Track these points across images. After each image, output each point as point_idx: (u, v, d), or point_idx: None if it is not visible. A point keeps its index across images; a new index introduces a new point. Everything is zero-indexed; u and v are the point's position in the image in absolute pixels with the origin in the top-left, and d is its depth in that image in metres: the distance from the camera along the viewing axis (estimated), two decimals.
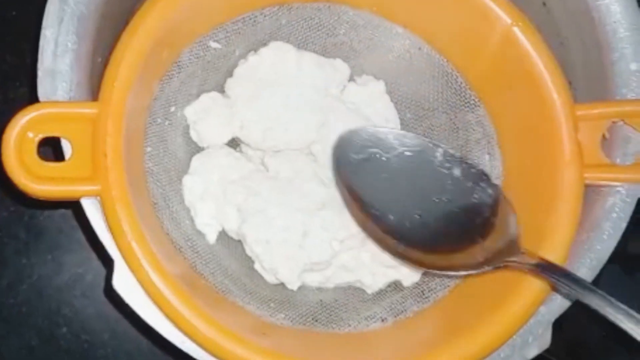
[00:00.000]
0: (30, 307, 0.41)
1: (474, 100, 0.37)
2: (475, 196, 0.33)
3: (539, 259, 0.30)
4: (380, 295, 0.36)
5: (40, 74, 0.32)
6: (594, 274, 0.31)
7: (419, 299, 0.35)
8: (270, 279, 0.36)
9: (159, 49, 0.34)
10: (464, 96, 0.37)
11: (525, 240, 0.32)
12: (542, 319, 0.31)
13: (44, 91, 0.32)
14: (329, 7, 0.37)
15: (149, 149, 0.36)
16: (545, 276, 0.29)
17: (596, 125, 0.32)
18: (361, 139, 0.34)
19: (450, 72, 0.37)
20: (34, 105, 0.31)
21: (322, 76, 0.37)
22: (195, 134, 0.37)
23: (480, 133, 0.36)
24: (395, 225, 0.33)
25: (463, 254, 0.32)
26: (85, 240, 0.31)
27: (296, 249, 0.35)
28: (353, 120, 0.36)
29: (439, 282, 0.35)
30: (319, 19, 0.38)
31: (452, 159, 0.34)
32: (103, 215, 0.31)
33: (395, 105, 0.39)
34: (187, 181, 0.37)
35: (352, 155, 0.34)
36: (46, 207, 0.42)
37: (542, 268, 0.29)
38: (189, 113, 0.37)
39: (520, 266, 0.30)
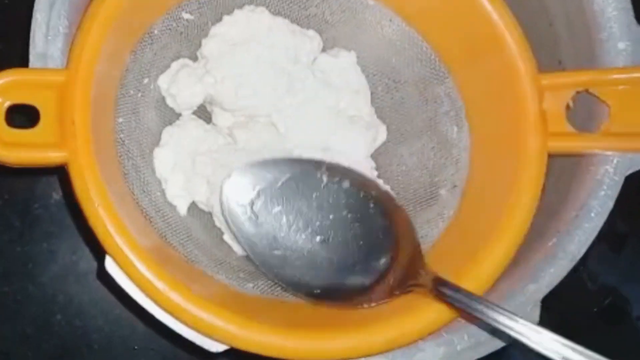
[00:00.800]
0: (25, 295, 0.41)
1: (443, 72, 0.37)
2: (371, 205, 0.32)
3: (434, 275, 0.30)
4: None
5: (32, 58, 0.32)
6: (582, 252, 0.31)
7: None
8: (238, 249, 0.36)
9: (129, 18, 0.34)
10: (433, 68, 0.37)
11: (491, 210, 0.33)
12: (531, 297, 0.31)
13: None
14: None
15: (120, 119, 0.36)
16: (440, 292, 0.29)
17: (561, 95, 0.33)
18: (245, 182, 0.33)
19: (420, 44, 0.37)
20: (1, 72, 0.31)
21: (293, 43, 0.37)
22: (170, 98, 0.37)
23: (449, 105, 0.37)
24: (300, 258, 0.32)
25: (375, 278, 0.31)
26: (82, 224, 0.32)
27: None
28: (319, 90, 0.37)
29: None
30: None
31: (338, 171, 0.33)
32: (71, 183, 0.31)
33: (367, 77, 0.39)
34: (158, 153, 0.37)
35: (238, 206, 0.33)
36: (18, 174, 0.42)
37: (439, 285, 0.29)
38: (162, 82, 0.38)
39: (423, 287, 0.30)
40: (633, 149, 0.32)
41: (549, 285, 0.31)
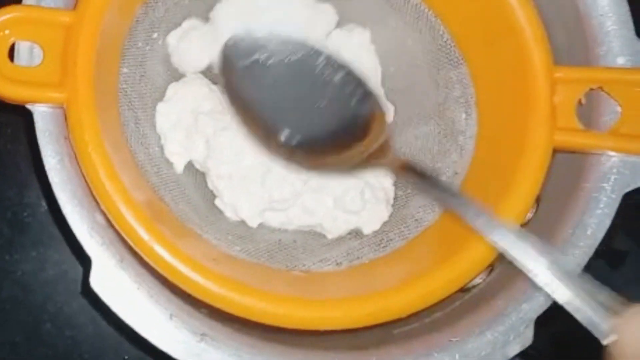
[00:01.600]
0: (14, 304, 0.40)
1: (457, 57, 0.36)
2: (353, 102, 0.33)
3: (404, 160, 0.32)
4: (339, 241, 0.35)
5: None
6: (579, 270, 0.31)
7: (376, 248, 0.34)
8: (230, 215, 0.35)
9: None
10: (448, 53, 0.36)
11: (491, 196, 0.32)
12: (524, 317, 0.31)
13: None
14: None
15: (125, 70, 0.35)
16: (407, 176, 0.32)
17: (574, 90, 0.32)
18: (245, 45, 0.34)
19: (437, 28, 0.37)
20: (8, 7, 0.31)
21: (308, 16, 0.37)
22: (177, 57, 0.37)
23: (460, 91, 0.36)
24: (281, 127, 0.33)
25: (343, 156, 0.33)
26: (72, 235, 0.31)
27: (258, 186, 0.35)
28: None
29: (397, 232, 0.35)
30: None
31: (334, 65, 0.34)
32: (67, 124, 0.31)
33: (379, 57, 0.38)
34: (161, 108, 0.37)
35: (237, 61, 0.34)
36: (8, 183, 0.42)
37: (406, 168, 0.32)
38: (171, 39, 0.37)
39: (388, 164, 0.33)
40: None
41: (543, 304, 0.31)
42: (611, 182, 0.31)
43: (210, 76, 0.38)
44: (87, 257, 0.30)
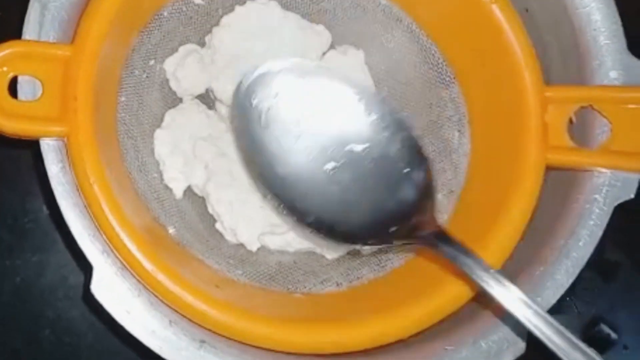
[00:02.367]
0: (14, 310, 0.40)
1: (449, 77, 0.37)
2: (404, 175, 0.29)
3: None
4: (338, 261, 0.36)
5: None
6: (571, 281, 0.31)
7: (376, 267, 0.35)
8: (230, 238, 0.36)
9: None
10: (440, 72, 0.37)
11: (485, 217, 0.33)
12: (518, 325, 0.30)
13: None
14: None
15: (123, 99, 0.36)
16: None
17: (564, 108, 0.32)
18: (267, 79, 0.30)
19: (428, 47, 0.37)
20: (8, 42, 0.32)
21: (302, 38, 0.37)
22: (174, 82, 0.37)
23: (453, 110, 0.37)
24: (303, 188, 0.28)
25: (383, 237, 0.29)
26: (73, 242, 0.31)
27: (257, 210, 0.35)
28: None
29: (396, 251, 0.35)
30: None
31: (389, 127, 0.29)
32: (68, 158, 0.31)
33: (373, 77, 0.39)
34: (159, 135, 0.37)
35: (248, 102, 0.30)
36: (9, 188, 0.42)
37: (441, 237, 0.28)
38: (168, 65, 0.38)
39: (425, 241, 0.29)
40: (631, 169, 0.31)
41: None
42: (603, 194, 0.32)
43: (207, 101, 0.39)
44: (88, 264, 0.30)
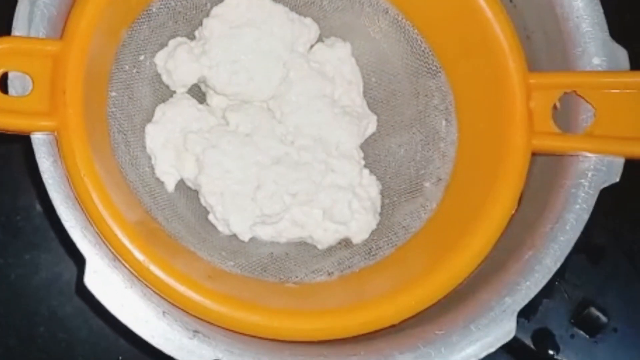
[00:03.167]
0: (8, 307, 0.41)
1: (435, 66, 0.37)
2: None
3: None
4: (330, 251, 0.36)
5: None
6: (558, 265, 0.32)
7: (367, 256, 0.35)
8: (223, 229, 0.36)
9: None
10: (426, 62, 0.37)
11: (473, 204, 0.33)
12: (507, 310, 0.31)
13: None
14: None
15: (113, 93, 0.36)
16: None
17: (549, 95, 0.33)
18: None
19: (415, 38, 0.38)
20: None
21: (291, 30, 0.38)
22: (166, 74, 0.38)
23: (439, 99, 0.37)
24: None
25: None
26: (66, 235, 0.31)
27: (248, 202, 0.35)
28: (314, 80, 0.37)
29: (386, 240, 0.36)
30: None
31: None
32: (59, 152, 0.32)
33: (361, 68, 0.39)
34: (150, 129, 0.37)
35: None
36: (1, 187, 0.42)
37: None
38: (159, 59, 0.38)
39: None
40: (615, 152, 0.32)
41: (525, 298, 0.31)
42: (588, 178, 0.32)
43: (198, 95, 0.39)
44: (81, 257, 0.31)
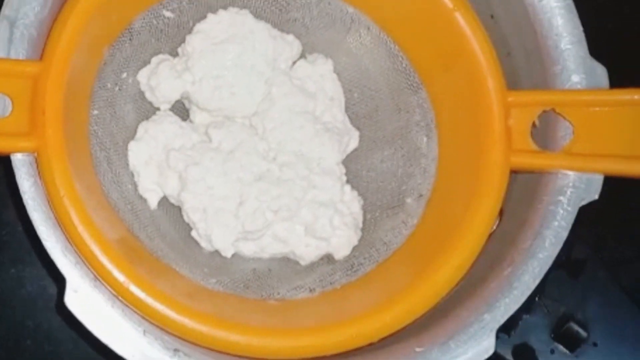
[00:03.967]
0: None
1: (416, 83, 0.37)
2: None
3: None
4: (312, 267, 0.36)
5: None
6: (537, 281, 0.32)
7: (348, 272, 0.35)
8: (205, 245, 0.36)
9: (107, 12, 0.34)
10: (407, 78, 0.38)
11: (452, 220, 0.33)
12: (486, 326, 0.31)
13: None
14: None
15: (95, 112, 0.36)
16: None
17: (527, 112, 0.33)
18: None
19: (396, 54, 0.38)
20: None
21: (273, 47, 0.38)
22: (149, 91, 0.38)
23: (421, 115, 0.37)
24: None
25: None
26: (46, 254, 0.32)
27: (231, 218, 0.36)
28: (296, 96, 0.37)
29: (367, 256, 0.36)
30: None
31: None
32: (39, 172, 0.32)
33: (343, 84, 0.39)
34: (133, 146, 0.37)
35: None
36: None
37: None
38: (141, 76, 0.38)
39: None
40: (593, 170, 0.32)
41: (504, 314, 0.32)
42: (567, 195, 0.32)
43: (181, 111, 0.39)
44: (62, 276, 0.31)
